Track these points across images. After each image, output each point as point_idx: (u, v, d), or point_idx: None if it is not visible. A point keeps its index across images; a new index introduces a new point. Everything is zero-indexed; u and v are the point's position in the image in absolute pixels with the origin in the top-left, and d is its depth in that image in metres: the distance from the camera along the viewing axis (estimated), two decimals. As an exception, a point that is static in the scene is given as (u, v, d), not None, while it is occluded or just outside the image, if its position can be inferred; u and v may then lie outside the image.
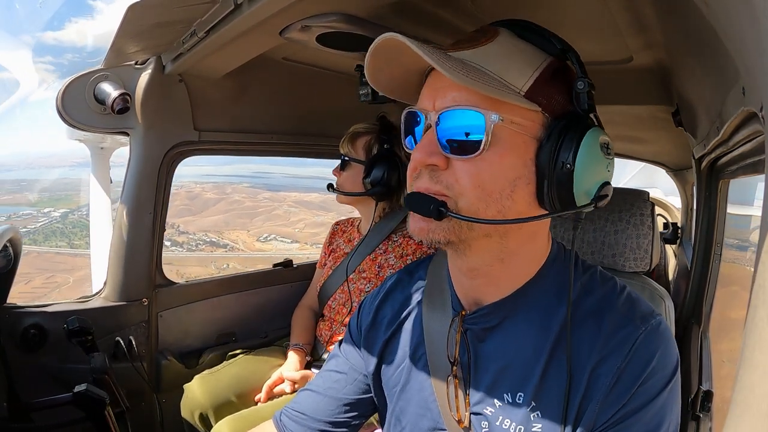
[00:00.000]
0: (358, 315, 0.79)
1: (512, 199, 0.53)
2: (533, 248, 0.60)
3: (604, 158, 0.54)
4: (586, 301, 0.58)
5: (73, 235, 37.19)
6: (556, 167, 0.52)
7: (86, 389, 0.98)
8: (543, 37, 0.56)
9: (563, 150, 0.51)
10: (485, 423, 0.60)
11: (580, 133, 0.52)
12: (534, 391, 0.57)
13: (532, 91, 0.52)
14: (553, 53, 0.55)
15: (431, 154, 0.53)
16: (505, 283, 0.60)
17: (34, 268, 29.76)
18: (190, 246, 38.66)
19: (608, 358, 0.54)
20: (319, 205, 48.24)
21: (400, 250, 1.36)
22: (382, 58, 0.54)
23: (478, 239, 0.56)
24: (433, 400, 0.65)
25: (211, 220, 46.91)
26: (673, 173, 2.95)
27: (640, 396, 0.53)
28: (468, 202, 0.53)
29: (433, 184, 0.53)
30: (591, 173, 0.53)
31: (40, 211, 40.67)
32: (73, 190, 49.84)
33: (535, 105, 0.52)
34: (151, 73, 1.27)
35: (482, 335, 0.62)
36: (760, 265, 0.30)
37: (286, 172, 79.11)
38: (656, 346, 0.54)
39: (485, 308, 0.61)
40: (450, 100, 0.52)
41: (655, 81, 1.20)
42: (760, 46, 0.32)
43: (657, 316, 0.57)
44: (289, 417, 0.75)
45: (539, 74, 0.53)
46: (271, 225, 46.03)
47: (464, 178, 0.52)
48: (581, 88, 0.53)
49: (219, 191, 53.86)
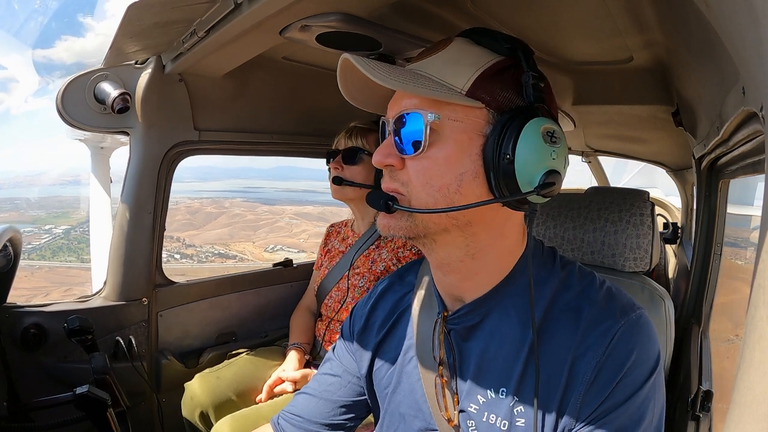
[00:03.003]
0: (351, 319, 0.81)
1: (460, 193, 0.55)
2: (504, 244, 0.61)
3: (548, 147, 0.55)
4: (564, 296, 0.59)
5: (80, 250, 37.77)
6: (499, 159, 0.54)
7: (88, 391, 0.98)
8: (494, 39, 0.59)
9: (504, 142, 0.54)
10: (471, 422, 0.61)
11: (521, 123, 0.54)
12: (516, 386, 0.58)
13: (474, 89, 0.55)
14: (500, 52, 0.58)
15: (387, 155, 0.58)
16: (481, 280, 0.62)
17: (49, 282, 30.02)
18: (200, 258, 39.25)
19: (587, 353, 0.55)
20: (318, 217, 49.74)
21: (392, 244, 1.37)
22: (350, 77, 0.59)
23: (438, 234, 0.58)
24: (424, 401, 0.66)
25: (216, 233, 47.84)
26: (673, 173, 2.95)
27: (622, 390, 0.53)
28: (419, 198, 0.57)
29: (392, 182, 0.59)
30: (532, 162, 0.54)
31: (42, 228, 41.13)
32: (70, 207, 50.58)
33: (477, 102, 0.55)
34: (151, 73, 1.27)
35: (465, 334, 0.63)
36: (760, 265, 0.30)
37: (277, 186, 79.92)
38: (636, 340, 0.55)
39: (465, 307, 0.63)
40: (402, 106, 0.58)
41: (655, 81, 1.20)
42: (760, 46, 0.32)
43: (637, 309, 0.58)
44: (286, 420, 0.77)
45: (480, 73, 0.56)
46: (275, 236, 47.07)
47: (414, 175, 0.57)
48: (526, 81, 0.56)
49: (218, 206, 54.84)
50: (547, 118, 0.55)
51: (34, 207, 54.52)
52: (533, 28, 1.03)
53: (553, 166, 0.55)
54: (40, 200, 59.47)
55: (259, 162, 40.02)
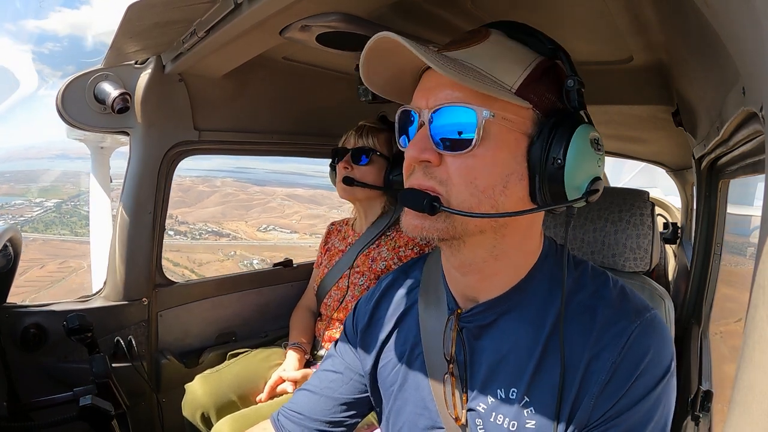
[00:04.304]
0: (354, 315, 0.80)
1: (505, 195, 0.54)
2: (527, 245, 0.61)
3: (595, 153, 0.55)
4: (578, 296, 0.59)
5: (72, 224, 37.60)
6: (547, 163, 0.53)
7: (91, 403, 0.97)
8: (534, 37, 0.57)
9: (554, 146, 0.52)
10: (479, 420, 0.60)
11: (570, 129, 0.53)
12: (527, 386, 0.57)
13: (523, 88, 0.53)
14: (543, 53, 0.57)
15: (424, 150, 0.54)
16: (499, 280, 0.61)
17: (45, 254, 30.03)
18: (193, 235, 39.16)
19: (602, 354, 0.54)
20: (309, 199, 49.78)
21: (393, 243, 1.37)
22: (377, 58, 0.55)
23: (472, 235, 0.56)
24: (431, 399, 0.65)
25: (209, 211, 47.74)
26: (673, 173, 2.95)
27: (635, 391, 0.53)
28: (460, 198, 0.53)
29: (427, 179, 0.54)
30: (581, 168, 0.53)
31: (33, 201, 40.90)
32: (59, 181, 50.48)
33: (525, 102, 0.53)
34: (151, 73, 1.27)
35: (478, 333, 0.63)
36: (760, 265, 0.30)
37: (267, 168, 79.97)
38: (651, 341, 0.54)
39: (481, 306, 0.62)
40: (442, 97, 0.53)
41: (655, 81, 1.20)
42: (761, 46, 0.32)
43: (651, 310, 0.57)
44: (286, 417, 0.76)
45: (529, 72, 0.54)
46: (267, 217, 46.99)
47: (456, 173, 0.53)
48: (571, 86, 0.54)
49: (210, 185, 54.75)
50: (592, 126, 0.55)
51: (22, 180, 54.22)
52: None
53: (598, 173, 0.55)
54: (28, 174, 59.21)
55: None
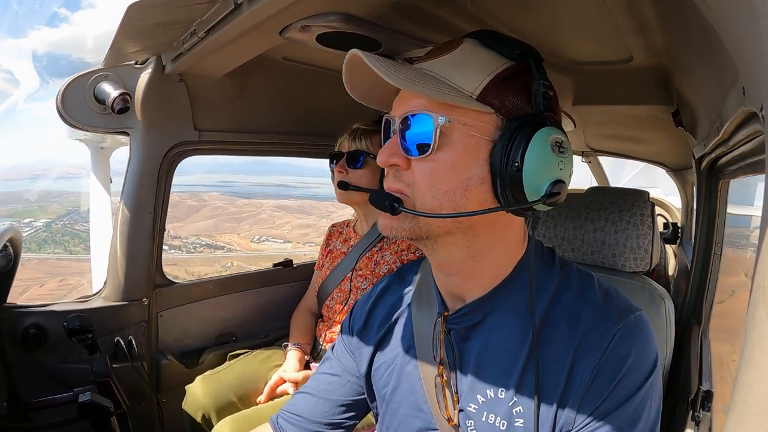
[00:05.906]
0: (350, 317, 0.81)
1: (466, 198, 0.55)
2: (505, 246, 0.61)
3: (555, 156, 0.55)
4: (563, 297, 0.59)
5: (65, 242, 37.69)
6: (507, 166, 0.54)
7: (90, 400, 0.97)
8: (503, 43, 0.58)
9: (513, 149, 0.53)
10: (470, 421, 0.61)
11: (531, 132, 0.53)
12: (515, 386, 0.58)
13: (484, 94, 0.55)
14: (512, 58, 0.58)
15: (392, 155, 0.58)
16: (483, 280, 0.62)
17: (43, 273, 30.09)
18: (188, 249, 39.39)
19: (586, 355, 0.55)
20: (298, 209, 50.59)
21: (396, 246, 1.37)
22: (356, 72, 0.58)
23: (441, 236, 0.59)
24: (425, 400, 0.66)
25: (200, 225, 48.33)
26: (673, 173, 2.95)
27: (619, 392, 0.53)
28: (423, 200, 0.56)
29: (396, 182, 0.58)
30: (540, 172, 0.54)
31: (21, 222, 40.88)
32: (45, 201, 50.62)
33: (487, 107, 0.55)
34: (151, 73, 1.27)
35: (466, 334, 0.63)
36: (760, 264, 0.30)
37: (249, 181, 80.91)
38: (633, 343, 0.55)
39: (466, 307, 0.63)
40: (409, 106, 0.57)
41: (655, 81, 1.21)
42: (760, 46, 0.32)
43: (636, 311, 0.58)
44: (285, 419, 0.77)
45: (492, 78, 0.56)
46: (259, 228, 47.58)
47: (420, 177, 0.56)
48: (536, 89, 0.56)
49: (197, 199, 55.43)
50: (555, 128, 0.55)
51: (8, 201, 54.36)
52: (533, 28, 1.03)
53: (559, 176, 0.55)
54: (13, 195, 59.44)
55: (230, 157, 41.68)
